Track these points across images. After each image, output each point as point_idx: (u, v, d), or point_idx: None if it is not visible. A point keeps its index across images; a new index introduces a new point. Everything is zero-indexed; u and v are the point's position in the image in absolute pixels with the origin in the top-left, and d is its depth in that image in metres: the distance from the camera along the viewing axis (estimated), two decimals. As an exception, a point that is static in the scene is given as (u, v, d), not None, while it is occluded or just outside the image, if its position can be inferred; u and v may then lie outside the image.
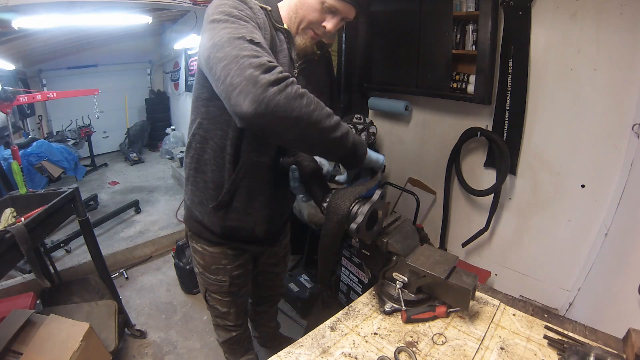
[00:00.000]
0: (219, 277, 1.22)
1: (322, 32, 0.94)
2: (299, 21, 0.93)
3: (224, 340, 1.43)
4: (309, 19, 0.92)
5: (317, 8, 0.89)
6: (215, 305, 1.31)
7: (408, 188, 2.55)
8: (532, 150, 1.97)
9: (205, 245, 1.17)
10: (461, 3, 2.01)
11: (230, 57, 0.66)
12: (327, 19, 0.91)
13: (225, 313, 1.33)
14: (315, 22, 0.92)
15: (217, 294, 1.27)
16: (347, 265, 2.15)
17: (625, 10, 1.53)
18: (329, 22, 0.91)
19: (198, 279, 1.30)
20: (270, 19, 0.92)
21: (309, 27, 0.93)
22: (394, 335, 0.86)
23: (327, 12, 0.90)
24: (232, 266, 1.20)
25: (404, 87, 2.45)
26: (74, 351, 1.37)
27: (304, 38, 0.95)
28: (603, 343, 0.81)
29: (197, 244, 1.19)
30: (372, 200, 0.84)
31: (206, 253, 1.18)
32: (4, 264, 1.28)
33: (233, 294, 1.27)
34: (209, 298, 1.30)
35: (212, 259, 1.19)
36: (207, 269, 1.21)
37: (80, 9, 2.50)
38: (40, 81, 5.49)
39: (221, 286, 1.24)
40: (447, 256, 0.92)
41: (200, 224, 1.14)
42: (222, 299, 1.28)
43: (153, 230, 3.26)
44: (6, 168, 2.60)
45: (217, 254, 1.17)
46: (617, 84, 1.62)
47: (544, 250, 2.00)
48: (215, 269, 1.20)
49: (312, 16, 0.91)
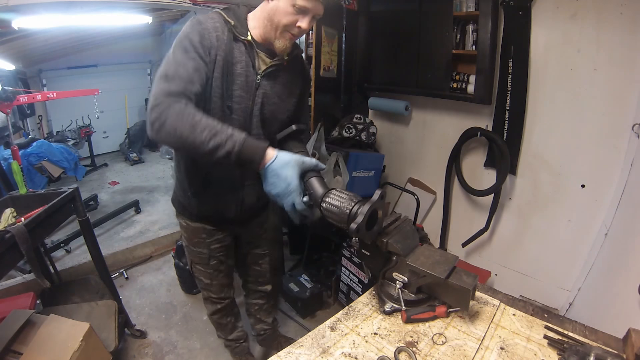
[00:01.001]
0: (199, 249, 1.38)
1: (298, 31, 1.02)
2: (275, 27, 1.02)
3: (211, 313, 1.60)
4: (283, 23, 1.00)
5: (289, 11, 0.98)
6: (199, 277, 1.48)
7: (408, 188, 2.55)
8: (532, 150, 1.97)
9: (188, 220, 1.34)
10: (461, 3, 2.01)
11: (152, 92, 0.91)
12: (300, 19, 1.00)
13: (209, 285, 1.49)
14: (290, 25, 1.00)
15: (200, 265, 1.43)
16: (347, 265, 2.15)
17: (625, 10, 1.53)
18: (302, 22, 1.00)
19: (185, 251, 1.47)
20: (233, 32, 1.04)
21: (285, 30, 1.02)
22: (394, 335, 0.86)
23: (298, 13, 0.99)
24: (211, 240, 1.36)
25: (404, 87, 2.45)
26: (74, 351, 1.37)
27: (283, 41, 1.04)
28: (603, 343, 0.81)
29: (182, 220, 1.37)
30: (372, 200, 0.84)
31: (188, 227, 1.35)
32: (4, 264, 1.28)
33: (213, 266, 1.43)
34: (194, 269, 1.47)
35: (194, 233, 1.35)
36: (190, 241, 1.39)
37: (80, 9, 2.50)
38: (40, 81, 5.49)
39: (202, 258, 1.40)
40: (447, 256, 0.92)
41: (182, 204, 1.34)
42: (205, 270, 1.44)
43: (153, 230, 3.26)
44: (6, 168, 2.60)
45: (198, 229, 1.34)
46: (617, 84, 1.62)
47: (544, 250, 2.00)
48: (197, 242, 1.37)
49: (286, 19, 0.99)
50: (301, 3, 0.97)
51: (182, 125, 0.85)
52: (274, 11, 1.00)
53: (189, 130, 0.85)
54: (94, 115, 5.41)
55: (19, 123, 4.67)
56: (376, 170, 2.38)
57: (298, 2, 0.97)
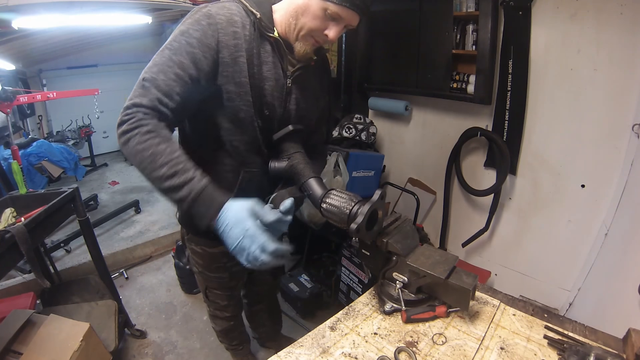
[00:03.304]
0: (219, 274, 1.27)
1: (324, 39, 0.90)
2: (299, 28, 0.88)
3: (222, 329, 1.55)
4: (310, 27, 0.86)
5: (320, 15, 0.84)
6: (215, 300, 1.39)
7: (408, 188, 2.55)
8: (532, 150, 1.97)
9: (205, 246, 1.20)
10: (461, 3, 2.01)
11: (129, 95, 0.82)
12: (330, 26, 0.86)
13: (225, 306, 1.42)
14: (316, 30, 0.87)
15: (218, 289, 1.34)
16: (347, 265, 2.15)
17: (625, 10, 1.53)
18: (331, 30, 0.87)
19: (197, 277, 1.36)
20: (259, 26, 0.89)
21: (309, 34, 0.88)
22: (394, 335, 0.86)
23: (329, 20, 0.85)
24: (232, 263, 1.23)
25: (404, 87, 2.45)
26: (74, 351, 1.37)
27: (304, 45, 0.90)
28: (603, 343, 0.81)
29: (196, 246, 1.22)
30: (372, 200, 0.84)
31: (205, 254, 1.22)
32: (4, 264, 1.28)
33: (232, 288, 1.35)
34: (209, 294, 1.37)
35: (212, 259, 1.22)
36: (207, 268, 1.26)
37: (80, 9, 2.49)
38: (40, 81, 5.49)
39: (221, 282, 1.30)
40: (447, 256, 0.92)
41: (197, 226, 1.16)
42: (223, 293, 1.36)
43: (153, 230, 3.26)
44: (6, 168, 2.60)
45: (217, 254, 1.20)
46: (617, 84, 1.62)
47: (544, 250, 2.00)
48: (216, 267, 1.25)
49: (313, 24, 0.86)
50: (334, 9, 0.83)
51: (142, 152, 0.75)
52: (302, 10, 0.86)
53: (149, 160, 0.75)
54: (94, 115, 5.40)
55: (19, 123, 4.66)
56: (376, 170, 2.38)
57: (330, 8, 0.83)
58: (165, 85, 0.80)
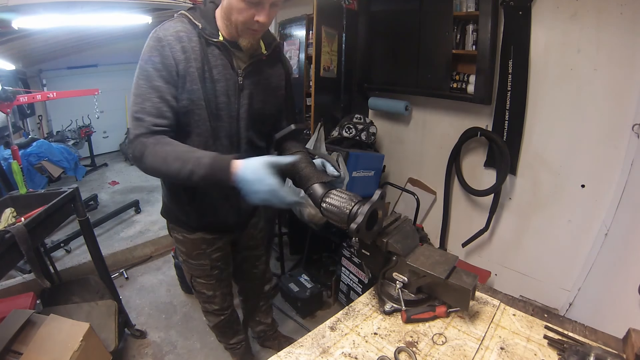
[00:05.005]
0: (200, 261, 1.33)
1: (258, 26, 0.93)
2: (234, 25, 0.94)
3: (214, 325, 1.56)
4: (240, 20, 0.92)
5: (242, 7, 0.89)
6: (201, 290, 1.42)
7: (408, 188, 2.55)
8: (532, 150, 1.97)
9: (185, 233, 1.28)
10: (461, 3, 2.01)
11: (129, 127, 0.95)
12: (256, 12, 0.90)
13: (212, 296, 1.44)
14: (247, 21, 0.92)
15: (202, 278, 1.38)
16: (347, 265, 2.15)
17: (625, 10, 1.53)
18: (260, 15, 0.91)
19: (183, 267, 1.42)
20: (204, 35, 0.96)
21: (244, 27, 0.94)
22: (394, 335, 0.86)
23: (252, 7, 0.89)
24: (211, 249, 1.31)
25: (404, 87, 2.45)
26: (74, 351, 1.37)
27: (247, 38, 0.96)
28: (603, 343, 0.81)
29: (178, 234, 1.30)
30: (372, 200, 0.84)
31: (186, 240, 1.29)
32: (4, 264, 1.28)
33: (215, 276, 1.39)
34: (194, 284, 1.41)
35: (193, 245, 1.29)
36: (189, 255, 1.32)
37: (80, 9, 2.49)
38: (40, 81, 5.49)
39: (204, 270, 1.35)
40: (447, 256, 0.92)
41: (177, 216, 1.27)
42: (207, 282, 1.39)
43: (153, 230, 3.26)
44: (6, 168, 2.60)
45: (197, 240, 1.28)
46: (617, 84, 1.62)
47: (544, 250, 2.00)
48: (197, 254, 1.31)
49: (241, 16, 0.91)
50: None
51: (155, 161, 0.89)
52: (228, 9, 0.92)
53: (162, 164, 0.89)
54: (94, 115, 5.39)
55: (19, 123, 4.66)
56: (376, 170, 2.38)
57: None
58: (154, 109, 0.92)
